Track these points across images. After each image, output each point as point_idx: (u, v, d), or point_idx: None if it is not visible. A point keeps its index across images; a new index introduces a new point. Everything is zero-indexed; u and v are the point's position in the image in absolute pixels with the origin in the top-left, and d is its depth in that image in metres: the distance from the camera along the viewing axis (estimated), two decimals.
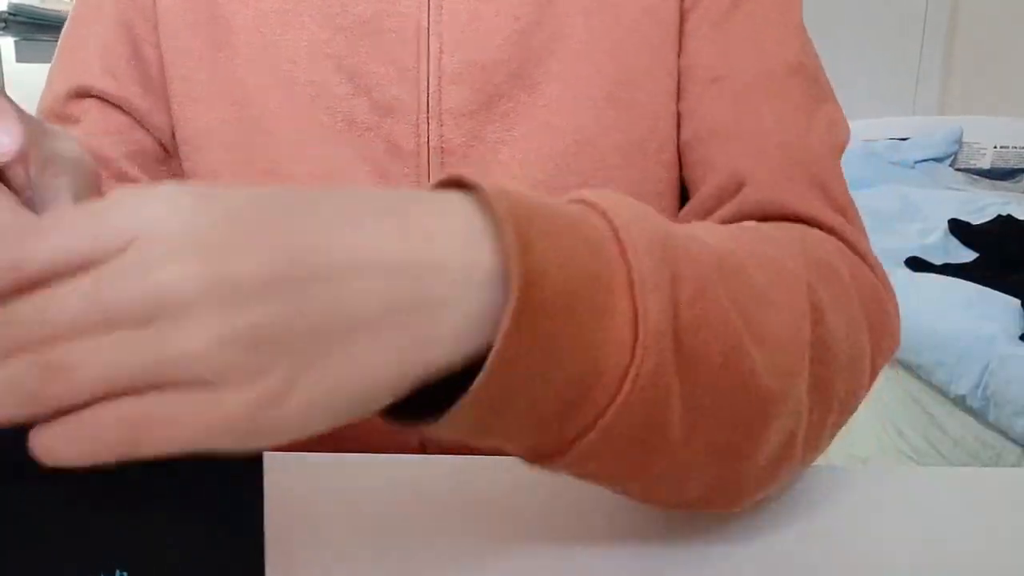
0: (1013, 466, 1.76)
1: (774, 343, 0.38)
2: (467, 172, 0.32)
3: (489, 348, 0.29)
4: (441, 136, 0.59)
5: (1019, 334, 1.85)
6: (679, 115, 0.61)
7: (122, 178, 0.64)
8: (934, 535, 0.45)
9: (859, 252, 0.53)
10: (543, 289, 0.30)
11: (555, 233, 0.31)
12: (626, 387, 0.32)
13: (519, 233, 0.29)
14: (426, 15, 0.59)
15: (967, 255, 2.40)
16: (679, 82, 0.61)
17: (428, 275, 0.29)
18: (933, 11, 3.38)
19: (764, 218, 0.54)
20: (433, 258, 0.29)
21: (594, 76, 0.60)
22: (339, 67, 0.60)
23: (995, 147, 3.19)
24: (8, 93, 0.67)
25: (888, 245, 2.36)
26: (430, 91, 0.59)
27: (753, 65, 0.59)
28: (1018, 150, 3.19)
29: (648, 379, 0.32)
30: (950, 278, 2.16)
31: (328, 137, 0.60)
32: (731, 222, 0.54)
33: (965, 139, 3.18)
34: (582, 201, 0.35)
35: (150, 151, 0.65)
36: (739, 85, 0.59)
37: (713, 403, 0.35)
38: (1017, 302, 1.94)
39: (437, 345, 0.29)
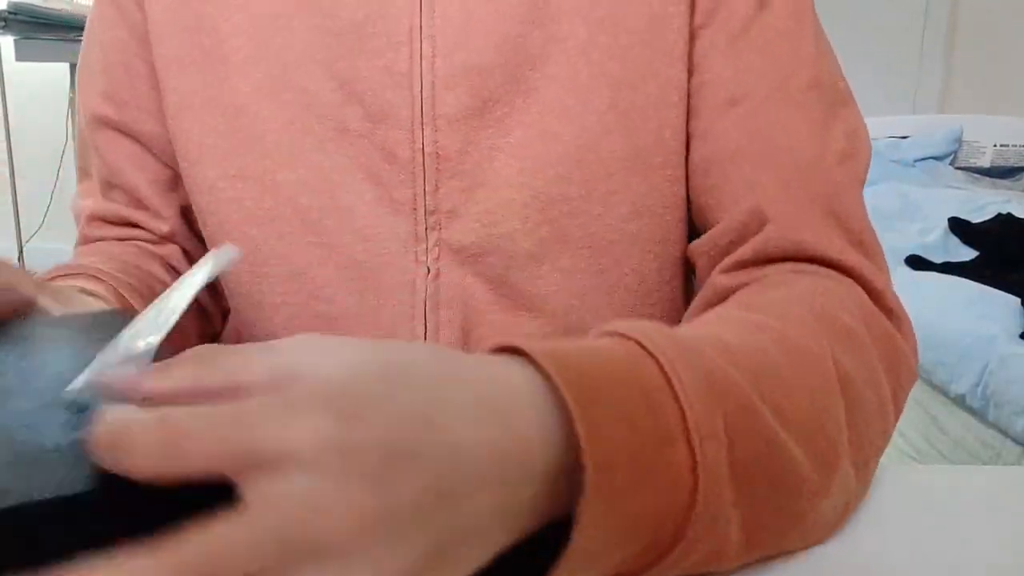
0: (1013, 465, 1.76)
1: (816, 441, 0.40)
2: (521, 342, 0.34)
3: (566, 511, 0.32)
4: (436, 142, 0.58)
5: (1019, 333, 1.85)
6: (690, 135, 0.60)
7: (146, 207, 0.66)
8: (934, 534, 0.45)
9: (875, 291, 0.54)
10: (613, 473, 0.32)
11: (617, 401, 0.33)
12: (689, 530, 0.34)
13: (588, 421, 0.32)
14: (418, 17, 0.57)
15: (967, 254, 2.41)
16: (691, 101, 0.59)
17: (526, 476, 0.31)
18: (933, 10, 3.38)
19: (785, 257, 0.55)
20: (527, 459, 0.31)
21: (595, 80, 0.58)
22: (330, 73, 0.59)
23: (995, 146, 3.20)
24: (8, 92, 0.69)
25: (888, 244, 2.35)
26: (423, 96, 0.58)
27: (770, 84, 0.58)
28: (1018, 149, 3.19)
29: (708, 518, 0.35)
30: (950, 277, 2.16)
31: (321, 145, 0.59)
32: (753, 260, 0.55)
33: (965, 138, 3.19)
34: (625, 337, 0.37)
35: (162, 178, 0.66)
36: (755, 107, 0.57)
37: (769, 517, 0.38)
38: (1017, 301, 1.94)
39: (528, 523, 0.32)
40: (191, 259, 0.69)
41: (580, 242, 0.59)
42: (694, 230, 0.62)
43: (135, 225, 0.67)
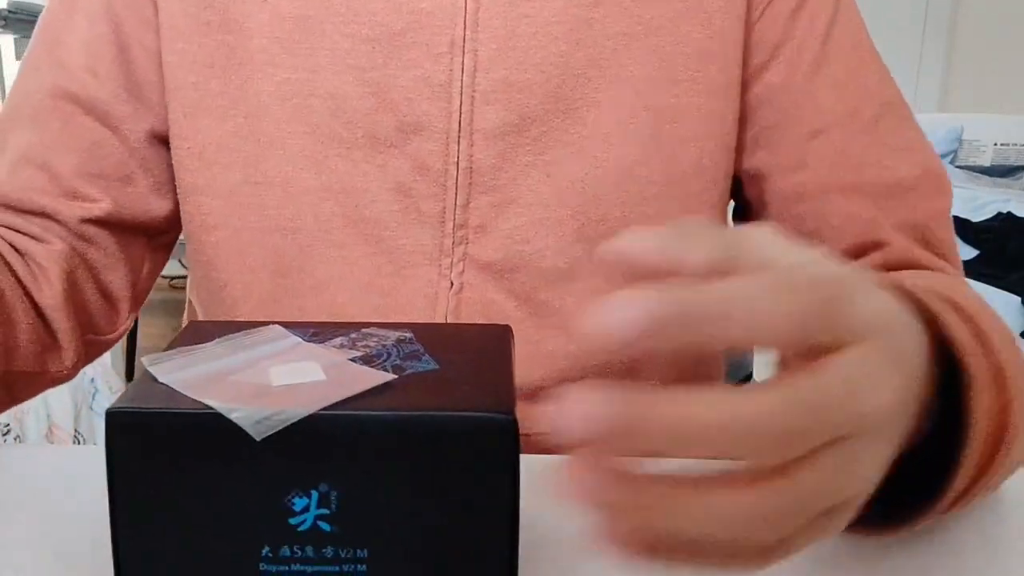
0: None
1: None
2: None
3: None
4: (471, 157, 0.57)
5: (1019, 332, 1.85)
6: (768, 168, 0.62)
7: (73, 195, 0.60)
8: (933, 532, 0.45)
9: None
10: (980, 379, 0.35)
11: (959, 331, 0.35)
12: (1012, 419, 0.37)
13: (962, 343, 0.34)
14: (462, 30, 0.57)
15: (967, 253, 2.41)
16: (769, 135, 0.61)
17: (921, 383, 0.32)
18: (934, 8, 3.38)
19: (898, 268, 0.58)
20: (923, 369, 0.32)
21: (639, 109, 0.58)
22: (362, 79, 0.57)
23: (995, 144, 3.19)
24: (7, 90, 0.66)
25: None
26: (462, 109, 0.57)
27: (848, 117, 0.60)
28: (1018, 147, 3.19)
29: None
30: None
31: (347, 152, 0.58)
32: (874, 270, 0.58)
33: (965, 136, 3.18)
34: (954, 308, 0.38)
35: (112, 172, 0.61)
36: (839, 139, 0.60)
37: None
38: (1017, 299, 1.95)
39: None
40: (89, 268, 0.62)
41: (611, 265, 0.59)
42: None
43: (44, 215, 0.60)
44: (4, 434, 1.43)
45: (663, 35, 0.59)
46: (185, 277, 3.79)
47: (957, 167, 3.15)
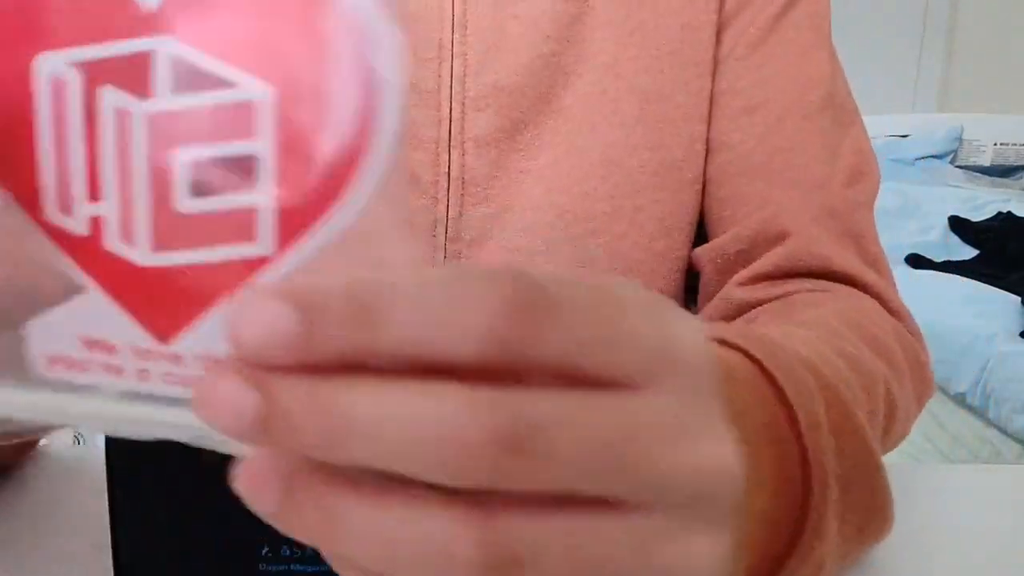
0: (1012, 463, 1.76)
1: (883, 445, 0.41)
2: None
3: None
4: (463, 166, 0.55)
5: (1019, 331, 1.85)
6: (709, 147, 0.58)
7: None
8: (932, 532, 0.45)
9: (894, 310, 0.54)
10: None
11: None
12: (806, 530, 0.31)
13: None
14: (449, 34, 0.54)
15: (967, 252, 2.41)
16: (710, 109, 0.58)
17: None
18: (933, 8, 3.37)
19: (806, 273, 0.54)
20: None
21: (624, 93, 0.56)
22: None
23: (995, 144, 3.19)
24: None
25: (888, 242, 2.35)
26: (452, 117, 0.55)
27: (787, 98, 0.57)
28: (1018, 147, 3.19)
29: (818, 517, 0.31)
30: (950, 275, 2.16)
31: None
32: (772, 273, 0.54)
33: (965, 136, 3.18)
34: (722, 342, 0.33)
35: None
36: (771, 121, 0.56)
37: (859, 534, 0.36)
38: (1017, 299, 1.95)
39: None
40: None
41: (604, 263, 0.57)
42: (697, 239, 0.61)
43: None
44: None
45: (646, 11, 0.57)
46: None
47: (957, 167, 3.15)
